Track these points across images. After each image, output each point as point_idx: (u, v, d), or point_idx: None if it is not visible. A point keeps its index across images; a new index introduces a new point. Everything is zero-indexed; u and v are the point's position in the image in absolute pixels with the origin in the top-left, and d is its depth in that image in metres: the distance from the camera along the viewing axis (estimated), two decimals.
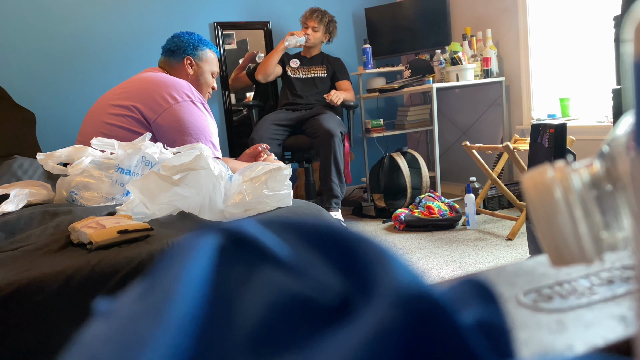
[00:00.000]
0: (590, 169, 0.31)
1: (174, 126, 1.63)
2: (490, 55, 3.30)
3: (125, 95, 1.68)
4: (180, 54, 1.93)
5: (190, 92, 1.70)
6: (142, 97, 1.66)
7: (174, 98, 1.65)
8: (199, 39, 1.99)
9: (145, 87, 1.69)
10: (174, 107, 1.64)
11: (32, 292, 0.84)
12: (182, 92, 1.68)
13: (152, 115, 1.63)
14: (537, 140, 1.88)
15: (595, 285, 0.35)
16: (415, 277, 0.21)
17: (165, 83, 1.70)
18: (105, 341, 0.19)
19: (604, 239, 0.31)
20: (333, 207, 2.97)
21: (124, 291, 0.22)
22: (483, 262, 2.28)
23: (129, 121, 1.63)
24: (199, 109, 1.69)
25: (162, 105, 1.63)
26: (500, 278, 0.39)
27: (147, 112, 1.63)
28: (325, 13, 3.38)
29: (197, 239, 0.23)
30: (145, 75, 1.78)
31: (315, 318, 0.21)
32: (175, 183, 1.14)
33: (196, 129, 1.65)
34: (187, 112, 1.64)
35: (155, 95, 1.65)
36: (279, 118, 3.18)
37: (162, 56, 1.96)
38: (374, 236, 0.24)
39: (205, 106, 1.74)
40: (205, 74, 1.97)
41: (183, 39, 1.96)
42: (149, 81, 1.72)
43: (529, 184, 0.32)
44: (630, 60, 0.25)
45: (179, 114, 1.63)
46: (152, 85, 1.69)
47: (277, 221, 0.25)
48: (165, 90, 1.66)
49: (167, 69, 1.93)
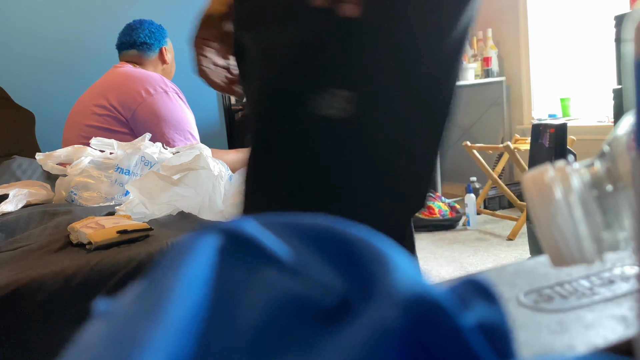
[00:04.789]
0: (591, 169, 0.31)
1: (151, 120, 1.63)
2: (490, 55, 3.30)
3: (101, 94, 1.68)
4: (157, 45, 1.91)
5: (164, 84, 1.69)
6: (117, 94, 1.66)
7: (148, 92, 1.65)
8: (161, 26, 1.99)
9: (120, 82, 1.69)
10: (148, 100, 1.64)
11: (31, 292, 0.83)
12: (156, 85, 1.67)
13: (129, 111, 1.63)
14: (538, 140, 1.88)
15: (596, 285, 0.35)
16: (415, 277, 0.21)
17: (139, 77, 1.69)
18: (105, 341, 0.19)
19: (605, 239, 0.31)
20: None
21: (124, 291, 0.22)
22: (483, 262, 2.28)
23: (107, 121, 1.63)
24: (174, 100, 1.69)
25: (137, 100, 1.63)
26: (501, 278, 0.39)
27: (123, 109, 1.64)
28: None
29: (197, 239, 0.23)
30: (119, 71, 1.77)
31: (315, 318, 0.21)
32: (174, 183, 1.14)
33: (173, 120, 1.65)
34: (162, 105, 1.65)
35: (130, 91, 1.65)
36: None
37: (129, 50, 1.90)
38: (374, 236, 0.24)
39: (180, 96, 1.74)
40: (173, 60, 1.98)
41: (154, 30, 1.94)
42: (122, 77, 1.72)
43: (530, 184, 0.32)
44: (630, 60, 0.25)
45: (154, 107, 1.63)
46: (126, 81, 1.69)
47: (277, 221, 0.25)
48: (140, 84, 1.66)
49: (140, 61, 1.89)
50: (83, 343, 0.19)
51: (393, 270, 0.21)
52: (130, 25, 1.97)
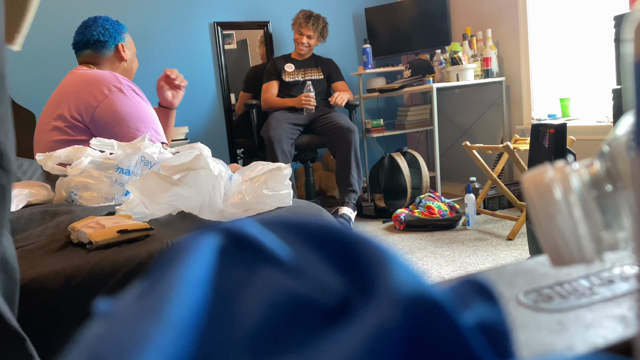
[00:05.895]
0: (590, 169, 0.31)
1: (110, 121, 1.58)
2: (490, 55, 3.30)
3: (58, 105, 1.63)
4: (112, 42, 1.84)
5: (117, 82, 1.63)
6: (73, 102, 1.61)
7: (103, 93, 1.59)
8: (117, 22, 1.90)
9: (74, 89, 1.64)
10: (104, 102, 1.58)
11: (32, 292, 0.84)
12: (109, 84, 1.62)
13: (87, 116, 1.59)
14: (538, 140, 1.89)
15: (596, 285, 0.35)
16: (415, 277, 0.21)
17: (91, 81, 1.64)
18: (105, 341, 0.19)
19: (604, 239, 0.31)
20: (350, 202, 2.96)
21: (124, 291, 0.22)
22: (483, 262, 2.28)
23: (67, 132, 1.59)
24: (130, 96, 1.63)
25: (92, 104, 1.59)
26: (500, 278, 0.39)
27: (81, 115, 1.59)
28: (319, 18, 3.31)
29: (197, 239, 0.23)
30: (73, 78, 1.71)
31: (315, 318, 0.21)
32: (174, 183, 1.14)
33: (132, 118, 1.60)
34: (119, 103, 1.59)
35: (84, 96, 1.60)
36: (290, 118, 3.16)
37: (84, 50, 1.81)
38: (374, 236, 0.24)
39: (137, 91, 1.67)
40: (133, 56, 1.92)
41: (108, 27, 1.85)
42: (76, 83, 1.66)
43: (529, 184, 0.32)
44: (630, 60, 0.25)
45: (112, 107, 1.58)
46: (79, 87, 1.63)
47: (277, 221, 0.25)
48: (93, 87, 1.61)
49: (96, 61, 1.82)
50: (84, 342, 0.19)
51: (393, 270, 0.21)
52: (84, 23, 1.86)
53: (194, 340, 0.19)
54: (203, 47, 3.59)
